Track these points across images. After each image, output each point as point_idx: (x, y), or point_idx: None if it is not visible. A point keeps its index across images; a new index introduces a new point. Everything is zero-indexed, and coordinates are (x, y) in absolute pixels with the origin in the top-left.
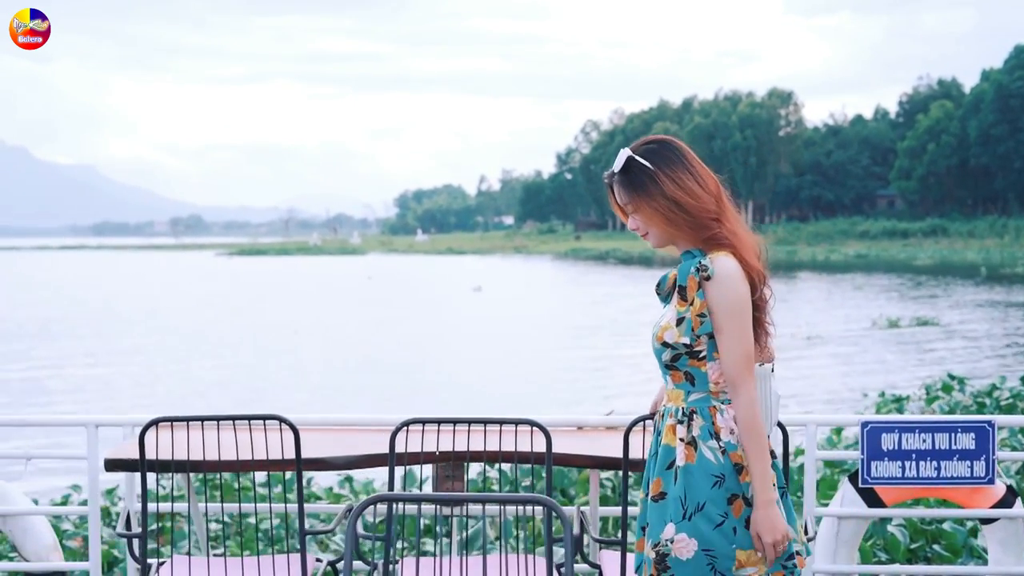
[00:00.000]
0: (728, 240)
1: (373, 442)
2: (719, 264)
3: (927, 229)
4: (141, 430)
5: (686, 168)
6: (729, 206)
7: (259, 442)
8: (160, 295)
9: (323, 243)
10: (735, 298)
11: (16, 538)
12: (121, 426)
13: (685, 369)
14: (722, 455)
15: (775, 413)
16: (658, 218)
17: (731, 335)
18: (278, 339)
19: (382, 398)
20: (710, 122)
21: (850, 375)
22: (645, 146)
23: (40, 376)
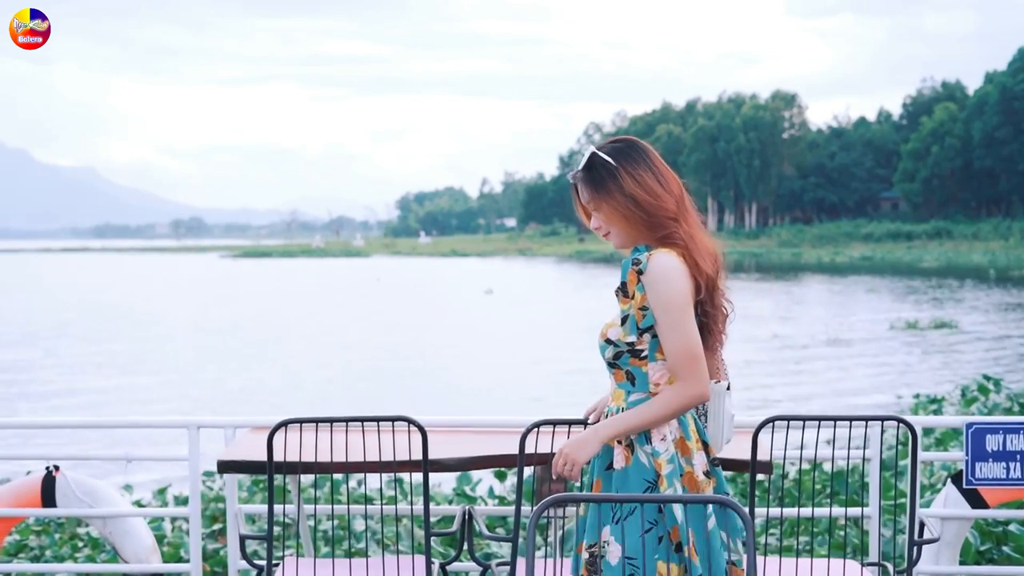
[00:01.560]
0: (683, 241)
1: (491, 444)
2: (655, 259)
3: (931, 231)
4: (270, 432)
5: (648, 167)
6: (690, 209)
7: (377, 443)
8: (178, 298)
9: (326, 245)
10: (671, 292)
11: (116, 540)
12: (223, 428)
13: (627, 368)
14: (653, 460)
15: (726, 431)
16: (617, 216)
17: (669, 330)
18: (309, 343)
19: (429, 403)
20: (714, 124)
21: (878, 377)
22: (610, 145)
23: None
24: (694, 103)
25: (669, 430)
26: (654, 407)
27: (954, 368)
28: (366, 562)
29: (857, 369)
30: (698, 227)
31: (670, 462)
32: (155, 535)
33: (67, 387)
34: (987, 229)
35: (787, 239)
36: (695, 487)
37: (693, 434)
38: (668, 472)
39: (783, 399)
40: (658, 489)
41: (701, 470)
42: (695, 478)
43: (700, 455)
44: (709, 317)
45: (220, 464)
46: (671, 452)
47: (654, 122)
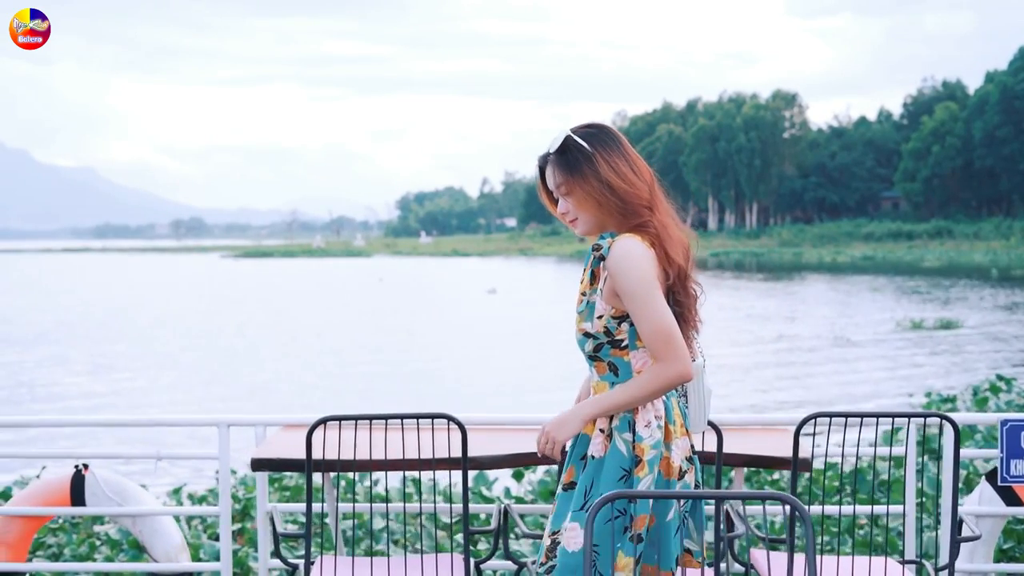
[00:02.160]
0: (655, 230)
1: (529, 442)
2: (617, 244)
3: (932, 231)
4: (309, 429)
5: (622, 154)
6: (662, 198)
7: (418, 441)
8: (184, 298)
9: (327, 245)
10: (635, 275)
11: (145, 539)
12: (253, 426)
13: (608, 359)
14: (632, 448)
15: (707, 408)
16: (590, 202)
17: (640, 313)
18: (319, 343)
19: (446, 403)
20: (714, 124)
21: (888, 377)
22: (584, 129)
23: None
24: (695, 103)
25: (655, 417)
26: (636, 386)
27: (963, 367)
28: (404, 560)
29: (866, 369)
30: (670, 216)
31: (654, 447)
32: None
33: (79, 388)
34: (988, 228)
35: (788, 239)
36: (669, 473)
37: (677, 419)
38: (651, 457)
39: (794, 400)
40: (634, 476)
41: (683, 457)
42: (671, 464)
43: (683, 441)
44: (682, 305)
45: (254, 462)
46: (656, 438)
47: (655, 122)
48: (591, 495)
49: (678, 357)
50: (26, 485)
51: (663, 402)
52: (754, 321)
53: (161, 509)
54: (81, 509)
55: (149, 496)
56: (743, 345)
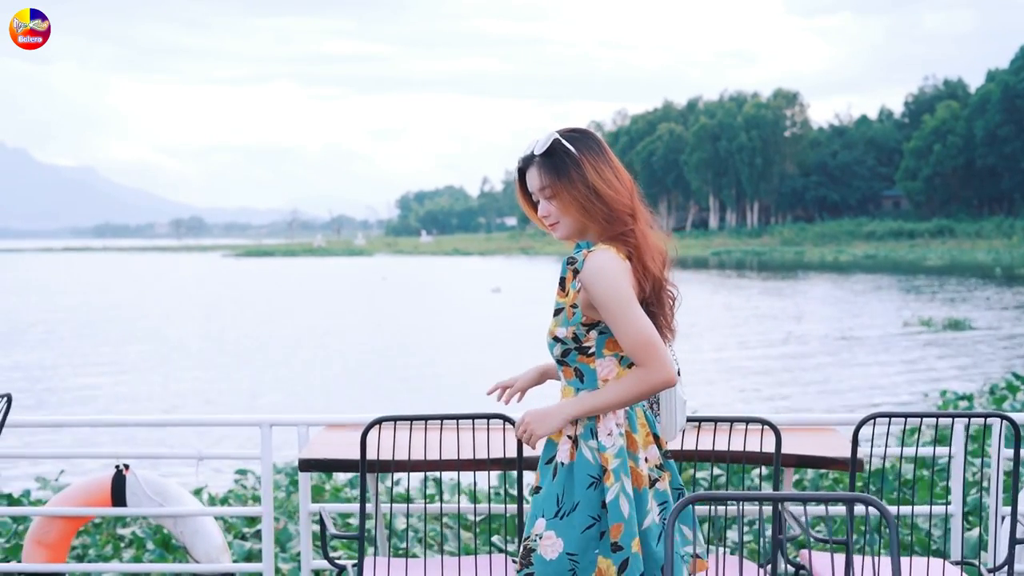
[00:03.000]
0: (635, 240)
1: None
2: (591, 258)
3: (933, 230)
4: (364, 430)
5: (606, 161)
6: (642, 207)
7: (473, 441)
8: (190, 297)
9: (328, 244)
10: (609, 288)
11: (187, 539)
12: (295, 426)
13: (575, 365)
14: (599, 456)
15: (680, 416)
16: (575, 206)
17: (619, 324)
18: (332, 342)
19: (465, 403)
20: (715, 123)
21: (900, 375)
22: (570, 133)
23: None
24: (695, 101)
25: (616, 425)
26: (621, 389)
27: (976, 366)
28: (458, 561)
29: (878, 369)
30: (649, 224)
31: (617, 456)
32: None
33: (109, 390)
34: (990, 227)
35: (789, 238)
36: (640, 483)
37: (642, 428)
38: (615, 467)
39: (807, 401)
40: (603, 484)
41: (652, 464)
42: (639, 473)
43: (651, 449)
44: (654, 316)
45: (302, 463)
46: (618, 446)
47: (655, 121)
48: (563, 502)
49: (661, 364)
50: (46, 485)
51: (625, 412)
52: (761, 321)
53: (203, 510)
54: (122, 510)
55: (190, 496)
56: (753, 346)
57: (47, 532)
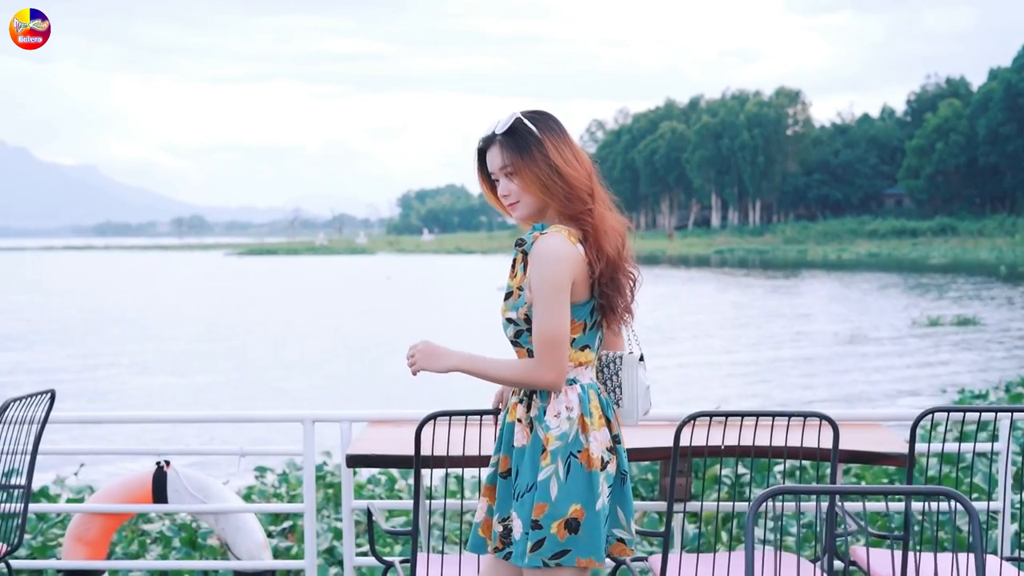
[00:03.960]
0: (592, 220)
1: (636, 437)
2: (541, 239)
3: (936, 228)
4: (419, 425)
5: (566, 141)
6: (601, 190)
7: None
8: (198, 296)
9: (329, 243)
10: (544, 276)
11: (228, 536)
12: (338, 422)
13: (527, 346)
14: (543, 436)
15: (641, 401)
16: (537, 185)
17: (537, 312)
18: (346, 341)
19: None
20: (718, 121)
21: (914, 373)
22: (532, 114)
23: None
24: (697, 100)
25: (566, 408)
26: (506, 368)
27: (989, 364)
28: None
29: (891, 366)
30: (608, 206)
31: (559, 439)
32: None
33: (146, 390)
34: (992, 226)
35: (791, 236)
36: (591, 464)
37: (595, 411)
38: (554, 448)
39: (825, 398)
40: (540, 464)
41: (603, 447)
42: (592, 455)
43: (602, 432)
44: (607, 298)
45: (349, 458)
46: (563, 429)
47: (657, 119)
48: (517, 483)
49: (552, 367)
50: (63, 483)
51: (578, 394)
52: (770, 319)
53: (244, 506)
54: (163, 506)
55: (231, 493)
56: (763, 344)
57: (87, 529)
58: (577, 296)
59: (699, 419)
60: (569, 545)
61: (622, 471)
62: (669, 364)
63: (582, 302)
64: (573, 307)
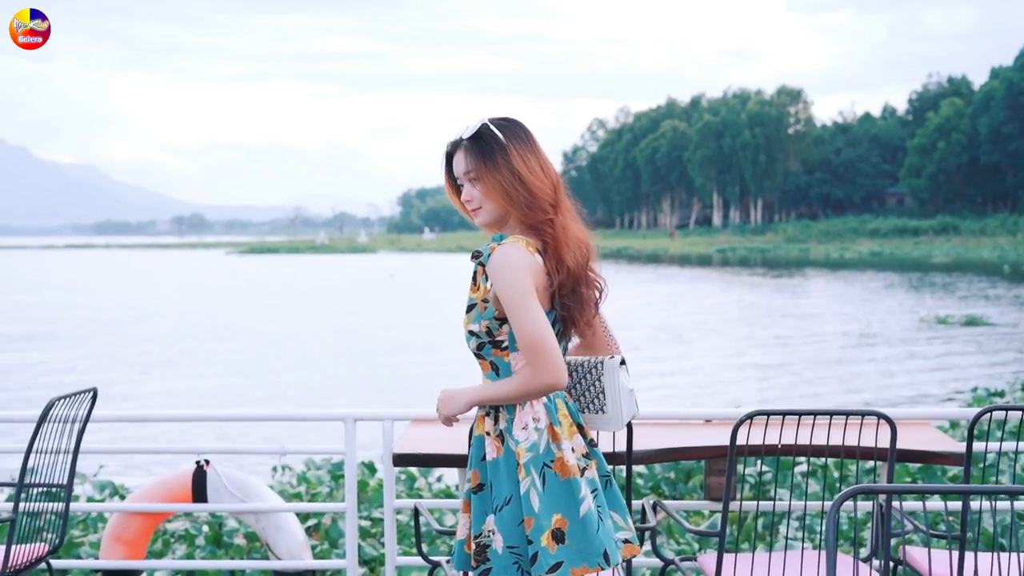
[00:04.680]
0: (553, 231)
1: (688, 436)
2: (498, 251)
3: (938, 227)
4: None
5: (532, 150)
6: (566, 200)
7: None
8: (209, 294)
9: (331, 242)
10: (508, 285)
11: (268, 536)
12: (380, 420)
13: (491, 359)
14: (514, 450)
15: (626, 406)
16: (498, 191)
17: (514, 321)
18: (363, 340)
19: None
20: (719, 120)
21: (927, 372)
22: (499, 120)
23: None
24: (699, 99)
25: (533, 419)
26: (511, 385)
27: (1001, 362)
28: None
29: (903, 366)
30: (572, 218)
31: (530, 450)
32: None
33: (186, 391)
34: (994, 225)
35: (793, 235)
36: (566, 472)
37: (564, 419)
38: (527, 460)
39: (837, 400)
40: (517, 478)
41: (579, 454)
42: (566, 463)
43: (575, 439)
44: (568, 309)
45: (396, 457)
46: (532, 441)
47: (659, 118)
48: (497, 498)
49: (546, 367)
50: (84, 481)
51: (544, 404)
52: (780, 318)
53: (284, 505)
54: (203, 506)
55: (270, 492)
56: (774, 344)
57: (126, 528)
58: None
59: (756, 418)
60: (561, 556)
61: (603, 474)
62: (684, 366)
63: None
64: None
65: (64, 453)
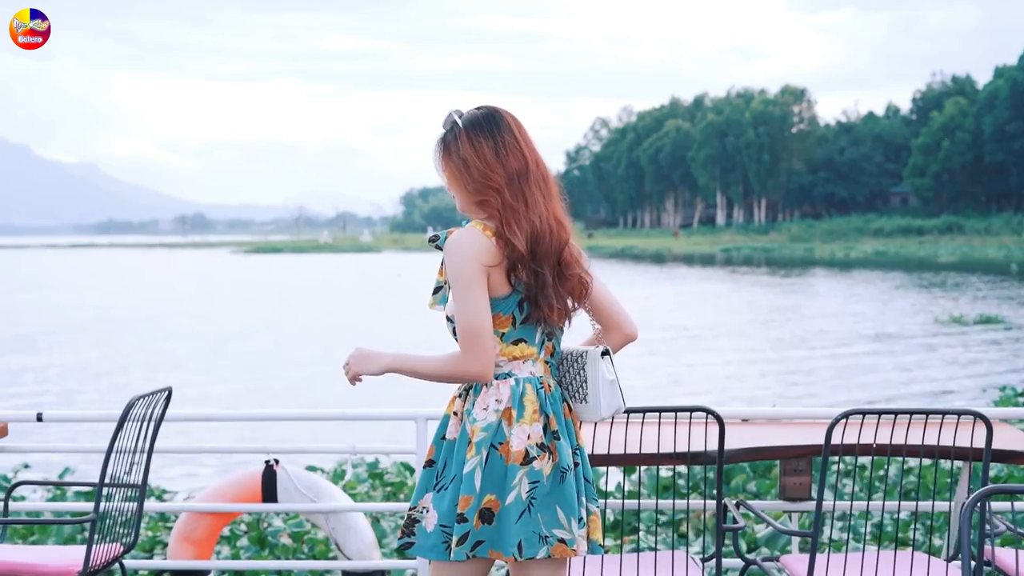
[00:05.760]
0: (499, 213)
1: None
2: (453, 235)
3: (942, 226)
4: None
5: (492, 136)
6: (531, 185)
7: (674, 435)
8: (222, 294)
9: (334, 241)
10: (455, 269)
11: (338, 536)
12: None
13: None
14: (470, 428)
15: (606, 396)
16: (453, 178)
17: (455, 306)
18: (379, 339)
19: None
20: (723, 119)
21: (949, 371)
22: (471, 111)
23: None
24: (702, 98)
25: (495, 400)
26: (436, 364)
27: (1021, 362)
28: (653, 557)
29: (923, 365)
30: (532, 203)
31: (484, 430)
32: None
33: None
34: (998, 224)
35: (797, 234)
36: (509, 458)
37: (529, 405)
38: (479, 439)
39: (856, 399)
40: (466, 457)
41: (534, 442)
42: (510, 448)
43: (533, 427)
44: (530, 290)
45: None
46: (488, 422)
47: (662, 117)
48: (443, 476)
49: (475, 357)
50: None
51: (510, 386)
52: (791, 318)
53: (355, 505)
54: (273, 506)
55: (340, 492)
56: (790, 343)
57: (194, 528)
58: (497, 290)
59: (852, 416)
60: (483, 536)
61: (561, 468)
62: (700, 362)
63: (503, 295)
64: (494, 300)
65: (140, 452)
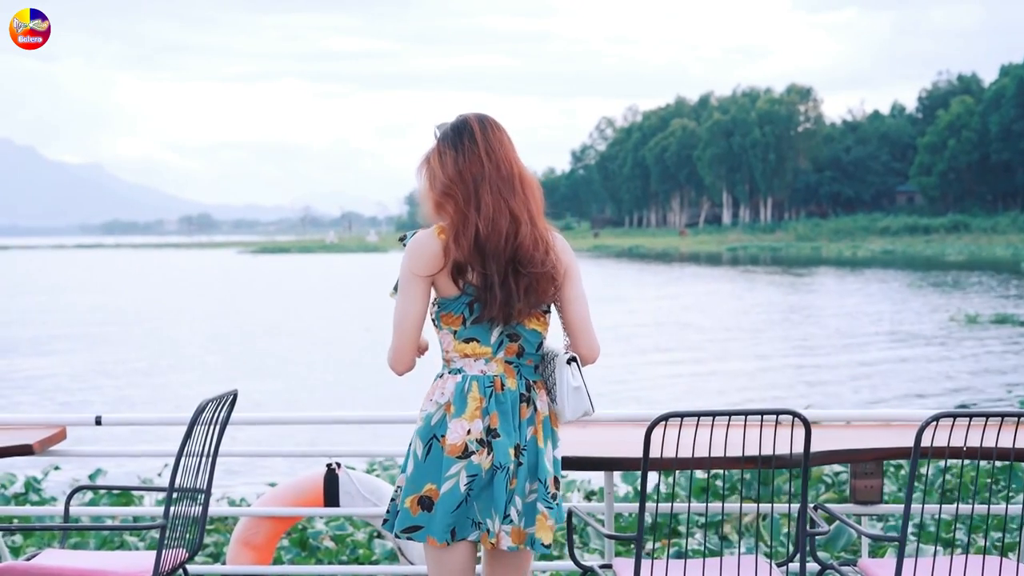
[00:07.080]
0: (450, 219)
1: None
2: (412, 238)
3: (949, 225)
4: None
5: (455, 147)
6: (485, 191)
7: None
8: (235, 294)
9: (340, 241)
10: (401, 269)
11: (400, 540)
12: None
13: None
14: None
15: (570, 400)
16: (421, 188)
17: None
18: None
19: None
20: (729, 118)
21: (972, 370)
22: (450, 121)
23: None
24: (707, 97)
25: (440, 393)
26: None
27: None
28: (736, 560)
29: (944, 364)
30: (483, 205)
31: (424, 419)
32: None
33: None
34: (1005, 222)
35: (803, 233)
36: (447, 449)
37: (472, 401)
38: (418, 428)
39: (875, 399)
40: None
41: (474, 437)
42: (448, 441)
43: (474, 423)
44: (477, 291)
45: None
46: (428, 412)
47: (668, 116)
48: (405, 462)
49: (391, 350)
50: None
51: (456, 382)
52: (807, 317)
53: None
54: (336, 510)
55: None
56: (804, 342)
57: (255, 533)
58: (444, 291)
59: (942, 419)
60: (421, 521)
61: (497, 465)
62: (712, 365)
63: (453, 296)
64: (445, 301)
65: (206, 456)
